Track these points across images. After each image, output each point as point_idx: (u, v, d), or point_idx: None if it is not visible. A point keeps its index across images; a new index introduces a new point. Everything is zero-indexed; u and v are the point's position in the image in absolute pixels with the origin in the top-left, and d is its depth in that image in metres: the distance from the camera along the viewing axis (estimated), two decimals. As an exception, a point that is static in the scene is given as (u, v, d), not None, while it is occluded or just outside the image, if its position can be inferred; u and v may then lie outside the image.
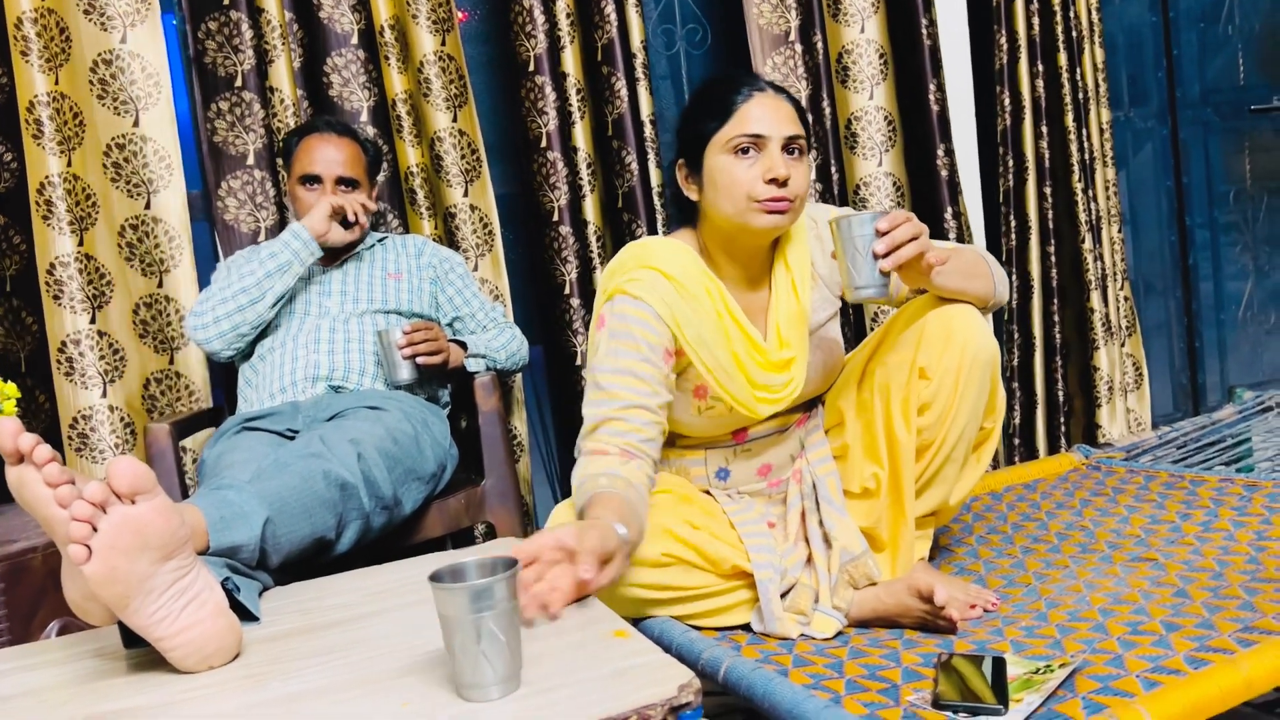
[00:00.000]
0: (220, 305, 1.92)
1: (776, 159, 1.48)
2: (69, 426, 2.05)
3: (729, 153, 1.50)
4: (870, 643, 1.45)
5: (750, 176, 1.48)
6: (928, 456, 1.56)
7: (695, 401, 1.56)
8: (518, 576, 0.97)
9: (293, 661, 1.10)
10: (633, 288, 1.49)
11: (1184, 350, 3.50)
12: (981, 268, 1.57)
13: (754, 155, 1.49)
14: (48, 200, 2.02)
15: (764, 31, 2.57)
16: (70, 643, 1.25)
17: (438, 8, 2.25)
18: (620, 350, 1.48)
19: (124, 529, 1.00)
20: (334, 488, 1.47)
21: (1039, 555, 1.76)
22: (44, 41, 2.01)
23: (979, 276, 1.56)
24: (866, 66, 2.59)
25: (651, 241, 1.58)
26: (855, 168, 2.63)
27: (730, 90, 1.52)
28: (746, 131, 1.49)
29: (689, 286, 1.51)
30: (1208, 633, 1.35)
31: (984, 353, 1.52)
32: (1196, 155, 3.54)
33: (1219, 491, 1.98)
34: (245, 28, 2.17)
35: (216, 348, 1.94)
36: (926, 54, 2.58)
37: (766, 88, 1.53)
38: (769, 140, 1.48)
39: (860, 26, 2.58)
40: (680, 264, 1.53)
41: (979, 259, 1.59)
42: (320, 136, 2.04)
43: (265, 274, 1.93)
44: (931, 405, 1.53)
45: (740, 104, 1.50)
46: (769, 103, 1.50)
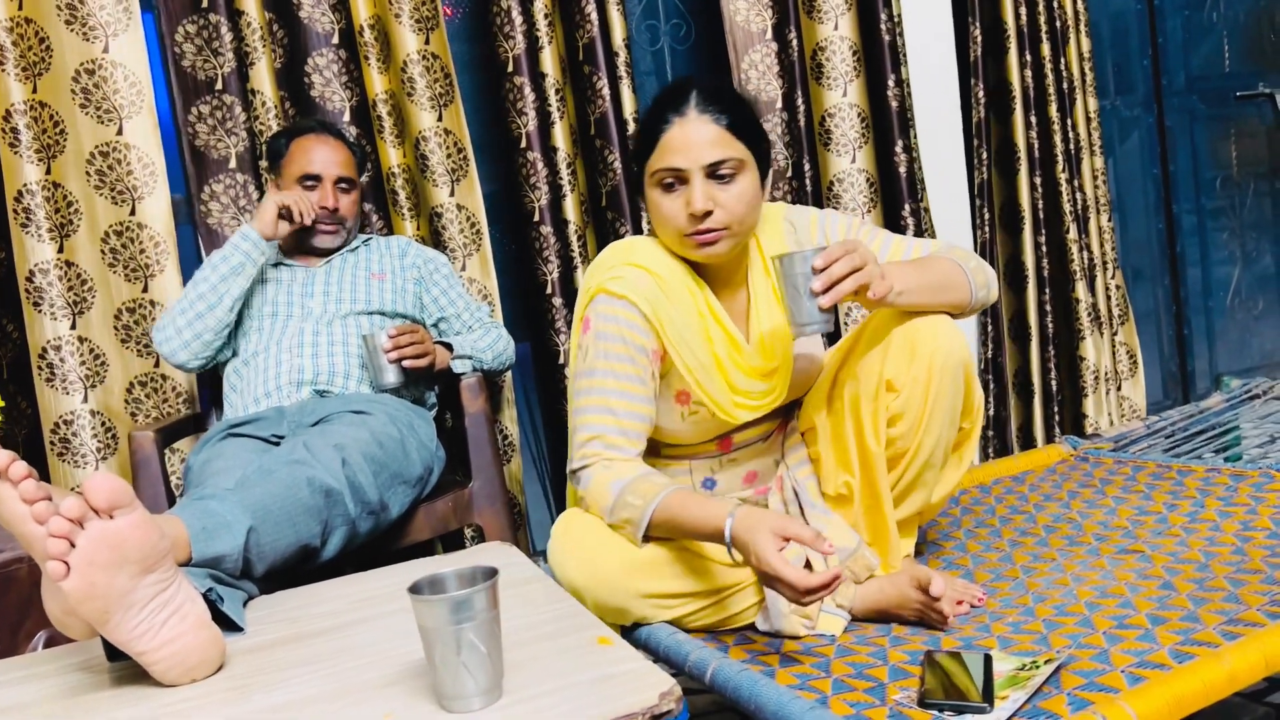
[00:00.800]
0: (180, 316, 1.92)
1: (696, 192, 1.43)
2: (51, 432, 2.05)
3: (657, 186, 1.47)
4: (858, 640, 1.45)
5: (675, 210, 1.46)
6: (902, 465, 1.54)
7: (679, 407, 1.55)
8: (496, 587, 0.97)
9: (277, 672, 1.10)
10: (615, 285, 1.48)
11: (1173, 338, 3.51)
12: (955, 276, 1.52)
13: (678, 188, 1.45)
14: (26, 208, 2.01)
15: (741, 29, 2.57)
16: (55, 656, 1.25)
17: (421, 5, 2.24)
18: (609, 354, 1.47)
19: (102, 544, 0.99)
20: (318, 494, 1.46)
21: (1026, 549, 1.76)
22: (20, 50, 2.00)
23: (950, 288, 1.51)
24: (840, 63, 2.59)
25: (635, 240, 1.57)
26: (829, 164, 2.62)
27: (656, 118, 1.47)
28: (665, 166, 1.45)
29: (672, 284, 1.50)
30: (1193, 625, 1.35)
31: (953, 359, 1.48)
32: (1183, 142, 3.54)
33: (1205, 482, 1.98)
34: (225, 30, 2.16)
35: (183, 359, 1.94)
36: (886, 49, 2.58)
37: (689, 110, 1.45)
38: (689, 172, 1.44)
39: (834, 23, 2.57)
40: (664, 262, 1.52)
41: (952, 267, 1.53)
42: (317, 138, 2.05)
43: (220, 278, 1.92)
44: (903, 416, 1.50)
45: (662, 134, 1.45)
46: (690, 130, 1.44)
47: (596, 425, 1.47)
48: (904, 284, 1.45)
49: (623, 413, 1.47)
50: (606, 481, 1.44)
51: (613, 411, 1.46)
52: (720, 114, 1.46)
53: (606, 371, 1.47)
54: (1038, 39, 2.77)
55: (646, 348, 1.48)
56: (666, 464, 1.63)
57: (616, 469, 1.45)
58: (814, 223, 1.62)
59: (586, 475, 1.47)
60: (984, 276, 1.56)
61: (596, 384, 1.48)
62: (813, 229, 1.62)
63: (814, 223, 1.62)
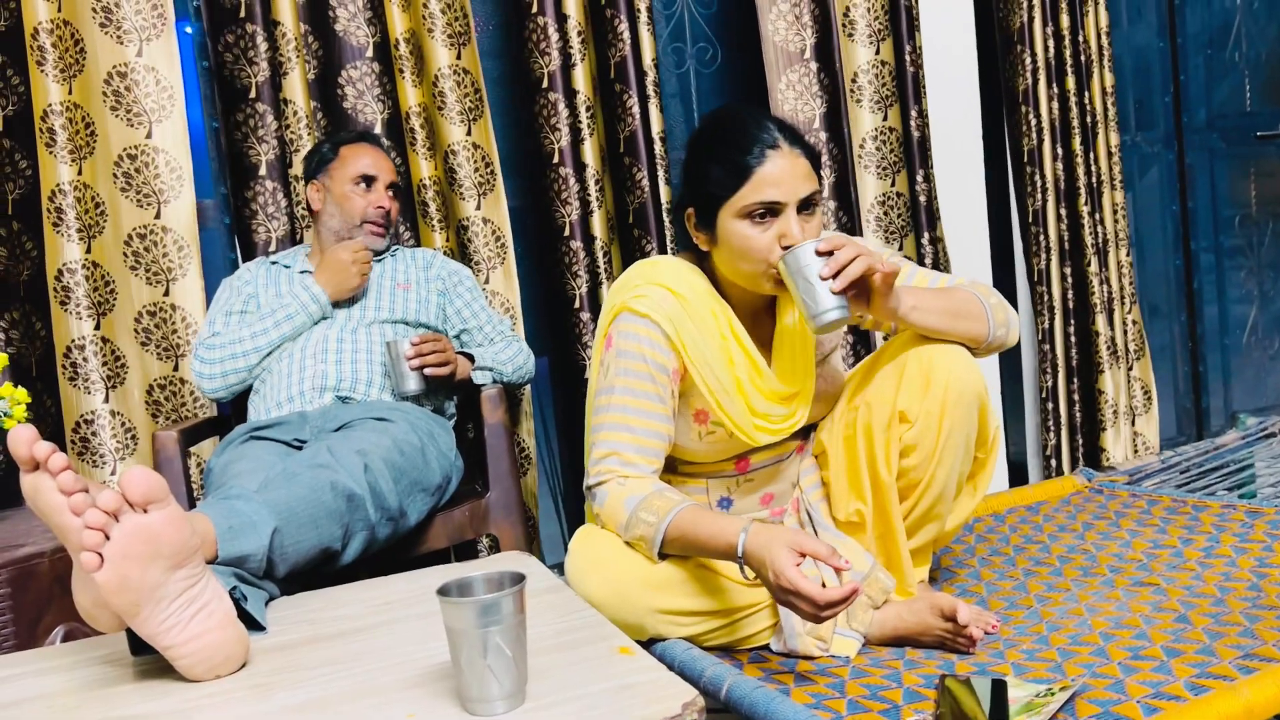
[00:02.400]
0: (230, 361, 1.95)
1: (792, 224, 1.43)
2: (72, 430, 2.06)
3: (743, 218, 1.45)
4: (872, 662, 1.46)
5: (766, 244, 1.44)
6: (915, 495, 1.55)
7: (696, 426, 1.56)
8: (524, 592, 0.98)
9: (299, 672, 1.11)
10: (638, 304, 1.49)
11: (1188, 374, 3.51)
12: (972, 307, 1.52)
13: (769, 221, 1.44)
14: (58, 208, 2.03)
15: (779, 49, 2.59)
16: (77, 649, 1.26)
17: (454, 21, 2.27)
18: (630, 371, 1.49)
19: (136, 537, 1.01)
20: (341, 499, 1.48)
21: (1041, 578, 1.77)
22: (59, 52, 2.03)
23: (966, 316, 1.51)
24: (881, 87, 2.61)
25: (660, 260, 1.59)
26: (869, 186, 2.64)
27: (744, 148, 1.45)
28: (763, 200, 1.43)
29: (695, 305, 1.51)
30: (1209, 659, 1.36)
31: (968, 392, 1.49)
32: (1202, 180, 3.55)
33: (1221, 517, 1.98)
34: (260, 40, 2.19)
35: (221, 395, 1.98)
36: (909, 80, 2.60)
37: (781, 142, 1.45)
38: (785, 205, 1.44)
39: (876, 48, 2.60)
40: (688, 283, 1.53)
41: (971, 299, 1.53)
42: (367, 145, 2.12)
43: (281, 336, 1.97)
44: (916, 447, 1.52)
45: (755, 167, 1.43)
46: (785, 163, 1.43)
47: (613, 442, 1.48)
48: (917, 299, 1.47)
49: (640, 430, 1.48)
50: (621, 498, 1.45)
51: (630, 429, 1.48)
52: (804, 149, 1.47)
53: (626, 389, 1.48)
54: (1063, 72, 2.79)
55: (667, 366, 1.49)
56: (684, 481, 1.64)
57: (631, 486, 1.46)
58: None
59: (602, 492, 1.48)
60: (1004, 314, 1.55)
61: (616, 401, 1.49)
62: None
63: None
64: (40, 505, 1.04)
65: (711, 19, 2.79)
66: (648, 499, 1.43)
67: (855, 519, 1.60)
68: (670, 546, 1.43)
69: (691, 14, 2.77)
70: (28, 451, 1.01)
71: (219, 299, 2.06)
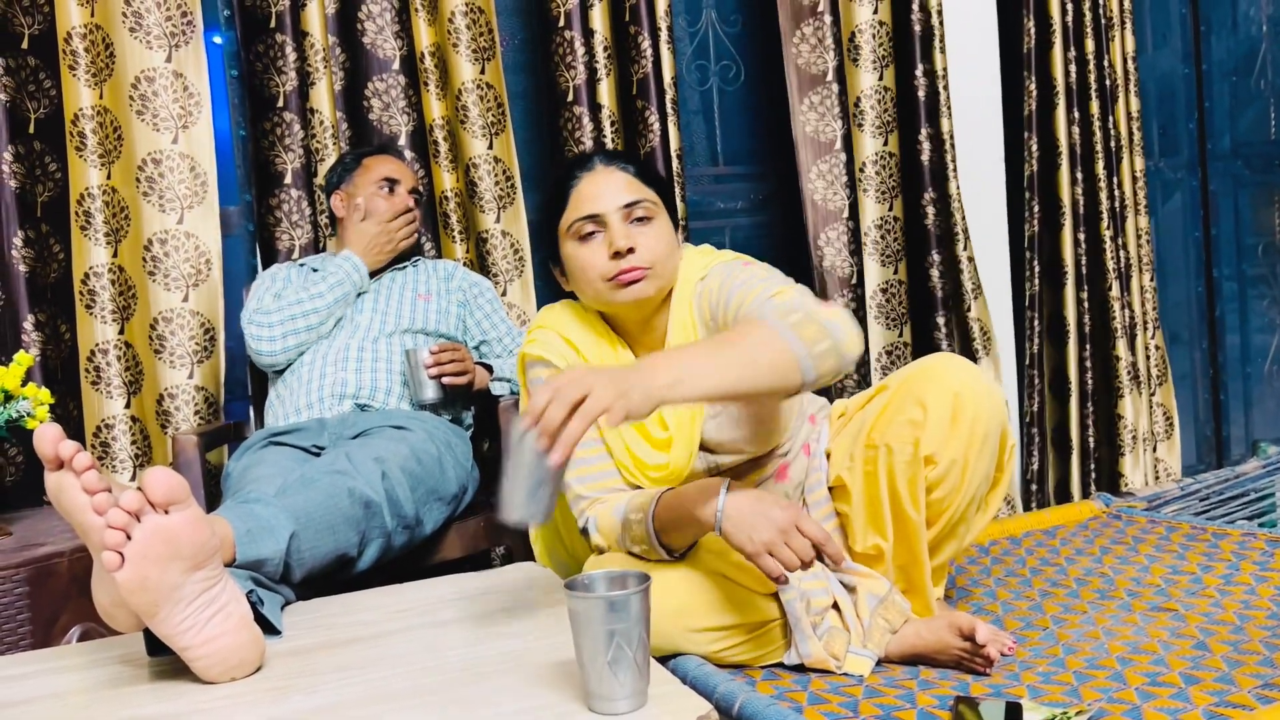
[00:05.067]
0: (290, 322, 1.98)
1: (616, 231, 1.46)
2: (93, 435, 2.08)
3: (574, 240, 1.50)
4: (886, 682, 1.45)
5: (597, 257, 1.48)
6: (939, 524, 1.53)
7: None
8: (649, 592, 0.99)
9: (313, 676, 1.11)
10: (533, 349, 1.55)
11: (1209, 402, 3.48)
12: (772, 352, 1.25)
13: (598, 235, 1.48)
14: (86, 211, 2.06)
15: (801, 71, 2.60)
16: (93, 648, 1.27)
17: (479, 36, 2.29)
18: None
19: (157, 538, 1.02)
20: (358, 505, 1.48)
21: (1057, 599, 1.75)
22: (91, 56, 2.06)
23: (762, 367, 1.24)
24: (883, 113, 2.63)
25: (557, 305, 1.62)
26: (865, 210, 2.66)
27: (563, 178, 1.53)
28: (581, 214, 1.48)
29: (584, 351, 1.54)
30: (1227, 687, 1.34)
31: (994, 422, 1.48)
32: (1226, 207, 3.54)
33: (1241, 546, 1.97)
34: (289, 50, 2.21)
35: (280, 360, 1.99)
36: (921, 104, 2.61)
37: (596, 164, 1.52)
38: (606, 215, 1.47)
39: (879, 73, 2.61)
40: (579, 328, 1.56)
41: (766, 343, 1.26)
42: (391, 157, 2.17)
43: (334, 300, 2.01)
44: (942, 482, 1.49)
45: (572, 188, 1.51)
46: (599, 178, 1.50)
47: (579, 476, 1.50)
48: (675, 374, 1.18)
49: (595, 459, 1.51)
50: (609, 512, 1.47)
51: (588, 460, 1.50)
52: (626, 164, 1.52)
53: None
54: (1087, 96, 2.79)
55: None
56: None
57: (612, 500, 1.48)
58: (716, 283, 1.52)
59: (591, 521, 1.49)
60: (812, 332, 1.28)
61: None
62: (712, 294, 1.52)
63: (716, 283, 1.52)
64: (64, 503, 1.04)
65: (735, 38, 2.80)
66: (630, 500, 1.45)
67: (873, 552, 1.58)
68: (664, 534, 1.41)
69: (716, 32, 2.79)
70: (53, 450, 1.02)
71: (260, 284, 2.09)
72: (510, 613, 1.28)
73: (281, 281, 2.08)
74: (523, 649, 1.15)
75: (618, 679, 0.95)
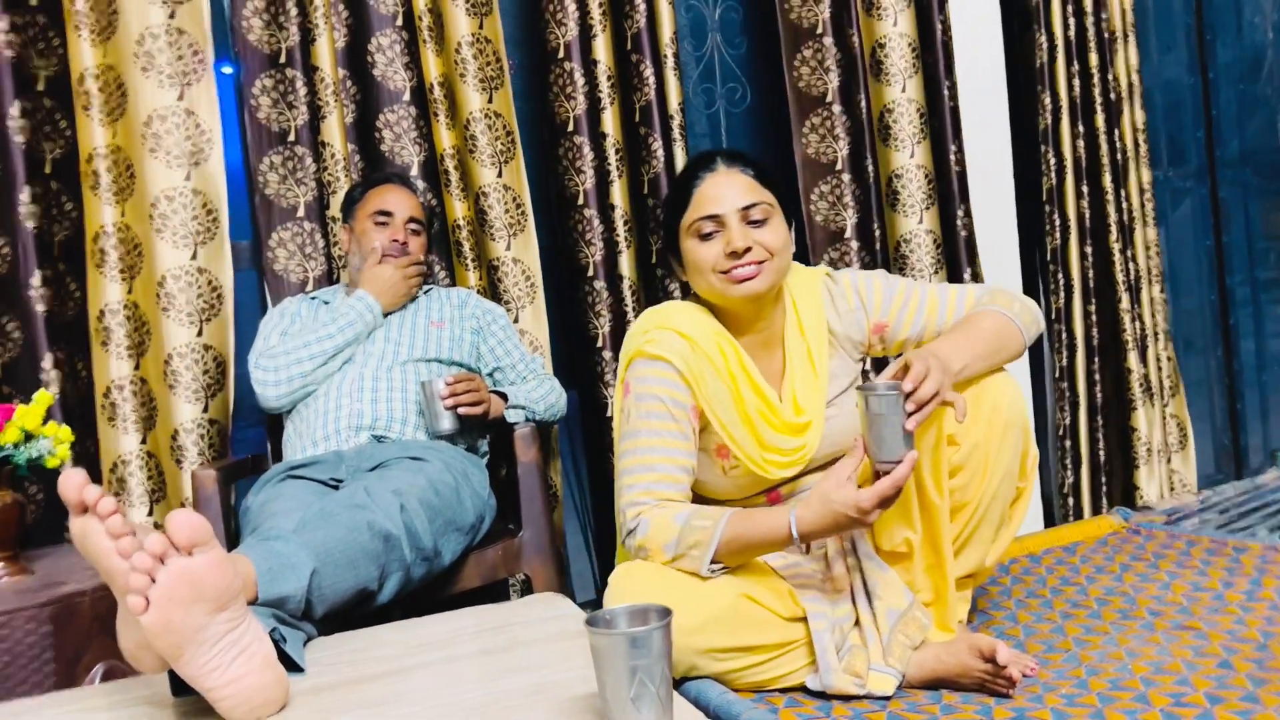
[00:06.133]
0: (296, 365, 1.98)
1: (734, 232, 1.54)
2: (109, 471, 2.09)
3: (694, 237, 1.58)
4: (908, 708, 1.44)
5: (714, 255, 1.56)
6: (963, 517, 1.57)
7: (719, 461, 1.60)
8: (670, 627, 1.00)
9: (338, 714, 1.11)
10: (651, 348, 1.56)
11: (1225, 410, 3.46)
12: (1006, 332, 1.59)
13: (716, 234, 1.56)
14: (101, 249, 2.07)
15: (802, 93, 2.62)
16: (118, 689, 1.27)
17: (485, 66, 2.30)
18: (650, 413, 1.54)
19: (181, 581, 1.02)
20: (378, 539, 1.49)
21: (1079, 620, 1.75)
22: (104, 96, 2.08)
23: (1004, 348, 1.58)
24: (907, 125, 2.62)
25: (668, 305, 1.66)
26: (896, 225, 2.65)
27: (687, 178, 1.61)
28: (702, 214, 1.56)
29: (703, 345, 1.57)
30: (1252, 706, 1.33)
31: (1015, 415, 1.54)
32: (1236, 214, 3.53)
33: (1263, 560, 1.95)
34: (300, 84, 2.23)
35: (283, 403, 2.00)
36: (948, 116, 2.61)
37: (718, 164, 1.59)
38: (725, 216, 1.55)
39: (901, 86, 2.61)
40: (695, 324, 1.59)
41: (1002, 324, 1.59)
42: (391, 185, 2.17)
43: (345, 341, 2.01)
44: (964, 467, 1.55)
45: (695, 189, 1.58)
46: (720, 180, 1.57)
47: (643, 483, 1.52)
48: (962, 360, 1.51)
49: (667, 467, 1.52)
50: (669, 516, 1.48)
51: (657, 469, 1.52)
52: (746, 166, 1.60)
53: (648, 431, 1.53)
54: (1091, 110, 2.79)
55: (684, 403, 1.54)
56: None
57: (673, 508, 1.50)
58: (849, 289, 1.69)
59: (643, 522, 1.50)
60: (1030, 315, 1.63)
61: (641, 444, 1.54)
62: (849, 295, 1.68)
63: (849, 289, 1.69)
64: (88, 548, 1.05)
65: (741, 60, 2.82)
66: (697, 511, 1.49)
67: (903, 549, 1.60)
68: (724, 549, 1.46)
69: (721, 55, 2.80)
70: (78, 496, 1.03)
71: (269, 322, 2.10)
72: (531, 646, 1.28)
73: (290, 317, 2.09)
74: (545, 682, 1.15)
75: (641, 715, 0.95)
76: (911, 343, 1.68)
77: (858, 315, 1.67)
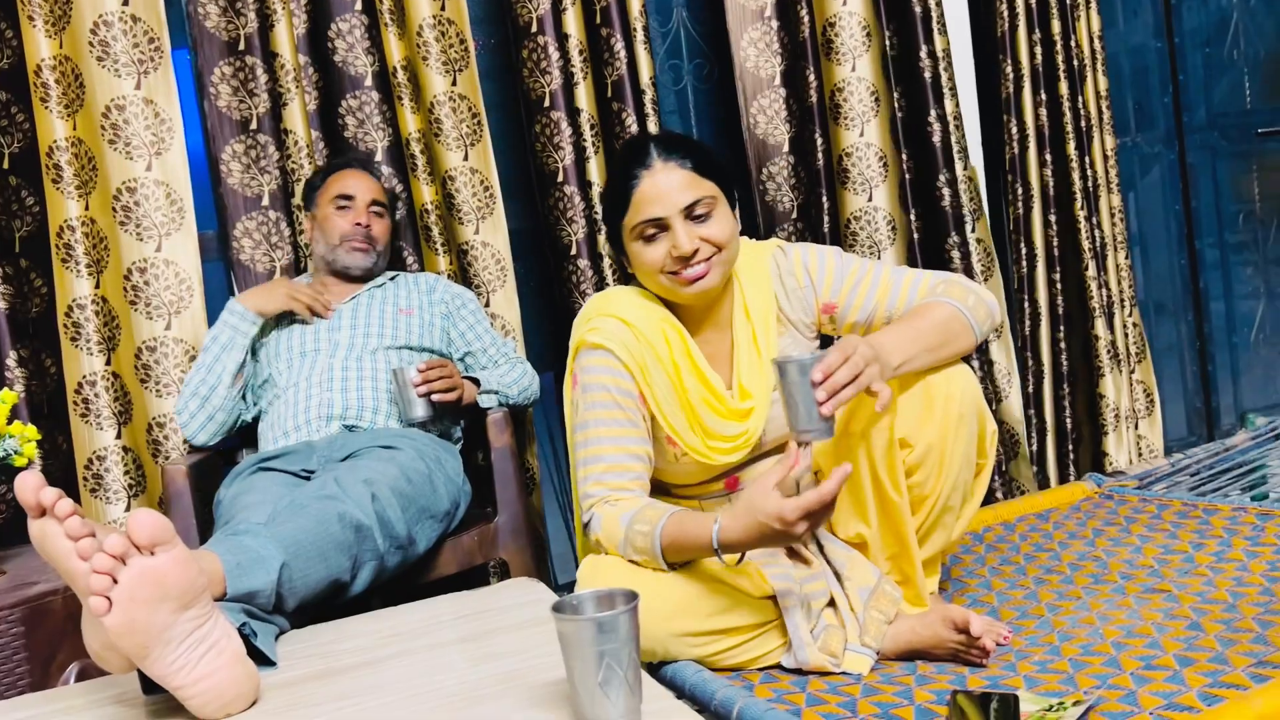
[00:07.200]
0: (192, 399, 1.97)
1: (679, 235, 1.50)
2: (84, 467, 2.07)
3: (638, 240, 1.54)
4: (884, 679, 1.46)
5: (659, 257, 1.52)
6: (924, 510, 1.56)
7: (670, 449, 1.59)
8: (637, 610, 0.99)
9: (310, 707, 1.11)
10: (593, 336, 1.54)
11: (1196, 373, 3.49)
12: (954, 326, 1.52)
13: (660, 235, 1.52)
14: (67, 244, 2.05)
15: (751, 74, 2.61)
16: (90, 689, 1.26)
17: (449, 49, 2.28)
18: (597, 403, 1.52)
19: (143, 580, 1.01)
20: (349, 530, 1.48)
21: (1052, 586, 1.76)
22: (62, 88, 2.05)
23: (951, 342, 1.52)
24: (857, 104, 2.61)
25: (612, 291, 1.64)
26: (847, 202, 2.64)
27: (625, 177, 1.54)
28: (643, 218, 1.51)
29: (646, 333, 1.55)
30: (1221, 667, 1.35)
31: (968, 403, 1.51)
32: (1205, 178, 3.54)
33: (1232, 521, 1.98)
34: (260, 72, 2.21)
35: (204, 440, 1.98)
36: (928, 85, 2.60)
37: (654, 161, 1.51)
38: (668, 218, 1.50)
39: (852, 65, 2.60)
40: (639, 310, 1.57)
41: (951, 316, 1.52)
42: (351, 170, 2.15)
43: (213, 358, 1.98)
44: (921, 466, 1.53)
45: (634, 190, 1.52)
46: (659, 179, 1.50)
47: (594, 474, 1.51)
48: (903, 354, 1.46)
49: (617, 456, 1.51)
50: (615, 517, 1.47)
51: (606, 458, 1.51)
52: (684, 158, 1.53)
53: (597, 421, 1.52)
54: (1055, 78, 2.79)
55: (631, 390, 1.53)
56: (677, 504, 1.64)
57: (622, 505, 1.49)
58: (799, 265, 1.63)
59: (596, 518, 1.50)
60: (985, 309, 1.57)
61: (591, 435, 1.53)
62: (798, 273, 1.63)
63: (799, 265, 1.63)
64: (48, 550, 1.04)
65: (707, 35, 2.79)
66: (640, 512, 1.46)
67: (856, 541, 1.60)
68: (669, 554, 1.45)
69: (688, 30, 2.78)
70: (34, 498, 1.02)
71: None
72: (506, 632, 1.28)
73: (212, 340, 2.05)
74: (519, 669, 1.16)
75: (610, 699, 0.96)
76: (860, 327, 1.62)
77: (806, 294, 1.63)
